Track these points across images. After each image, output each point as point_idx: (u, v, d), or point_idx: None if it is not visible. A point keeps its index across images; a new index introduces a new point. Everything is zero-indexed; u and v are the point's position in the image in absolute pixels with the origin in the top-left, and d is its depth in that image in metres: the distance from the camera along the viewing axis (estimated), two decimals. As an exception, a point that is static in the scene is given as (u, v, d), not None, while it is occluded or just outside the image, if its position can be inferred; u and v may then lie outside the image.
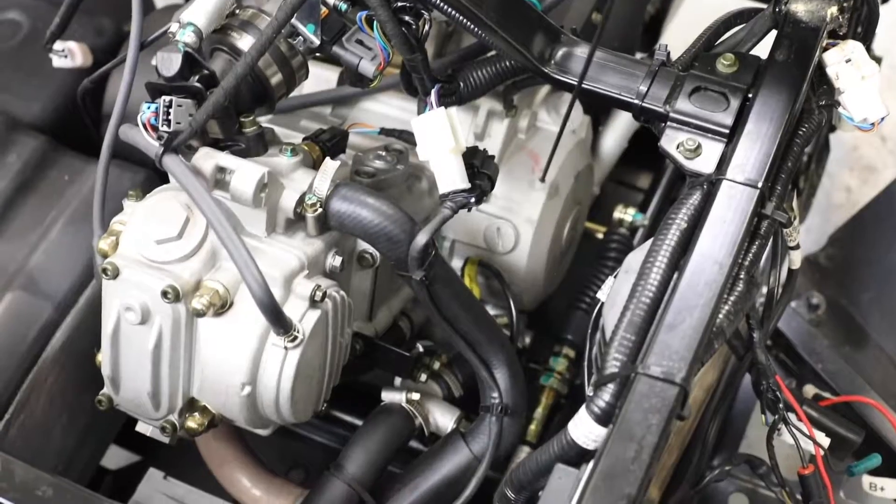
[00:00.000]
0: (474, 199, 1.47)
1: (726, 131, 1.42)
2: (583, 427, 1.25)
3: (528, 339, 1.99)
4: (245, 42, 1.47)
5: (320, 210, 1.47)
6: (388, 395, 1.72)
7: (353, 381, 1.69)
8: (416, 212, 1.58)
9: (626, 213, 2.07)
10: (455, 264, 1.87)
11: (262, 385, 1.46)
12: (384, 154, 1.65)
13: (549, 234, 1.86)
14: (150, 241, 1.45)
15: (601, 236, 2.09)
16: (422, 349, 1.73)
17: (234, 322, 1.44)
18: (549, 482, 1.25)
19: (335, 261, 1.53)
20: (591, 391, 1.26)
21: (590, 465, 1.21)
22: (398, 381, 1.74)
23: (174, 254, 1.44)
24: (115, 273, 1.44)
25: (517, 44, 1.47)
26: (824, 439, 1.56)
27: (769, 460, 1.54)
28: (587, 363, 1.52)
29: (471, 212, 1.51)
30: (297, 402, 1.49)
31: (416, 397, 1.71)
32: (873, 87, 1.46)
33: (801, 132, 1.45)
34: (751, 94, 1.44)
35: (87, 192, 1.79)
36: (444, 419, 1.73)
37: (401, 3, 1.40)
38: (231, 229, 1.37)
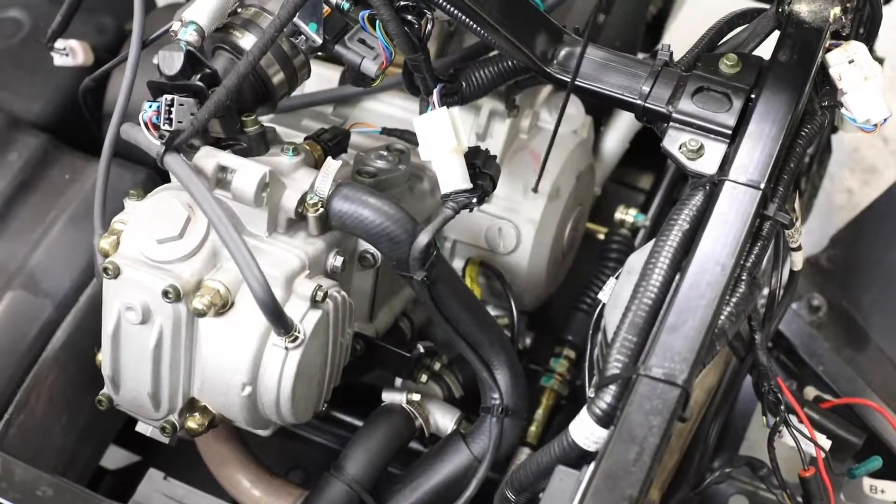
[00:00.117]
0: (476, 200, 1.47)
1: (729, 132, 1.42)
2: (584, 429, 1.25)
3: (528, 340, 1.99)
4: (247, 41, 1.47)
5: (322, 210, 1.47)
6: (388, 396, 1.72)
7: (353, 382, 1.69)
8: (417, 212, 1.58)
9: (627, 214, 2.07)
10: (456, 265, 1.86)
11: (262, 385, 1.46)
12: (386, 154, 1.64)
13: (551, 235, 1.86)
14: (151, 240, 1.44)
15: (602, 237, 2.09)
16: (422, 350, 1.73)
17: (234, 322, 1.44)
18: (550, 484, 1.25)
19: (336, 261, 1.52)
20: (592, 392, 1.26)
21: (591, 467, 1.21)
22: (399, 381, 1.74)
23: (175, 253, 1.44)
24: (116, 272, 1.44)
25: (520, 43, 1.46)
26: (825, 441, 1.56)
27: (770, 462, 1.54)
28: (588, 364, 1.51)
29: (472, 212, 1.51)
30: (297, 402, 1.48)
31: (416, 398, 1.71)
32: (876, 88, 1.46)
33: (804, 133, 1.45)
34: (753, 95, 1.43)
35: (88, 191, 1.79)
36: (444, 420, 1.73)
37: (403, 3, 1.40)
38: (232, 229, 1.37)
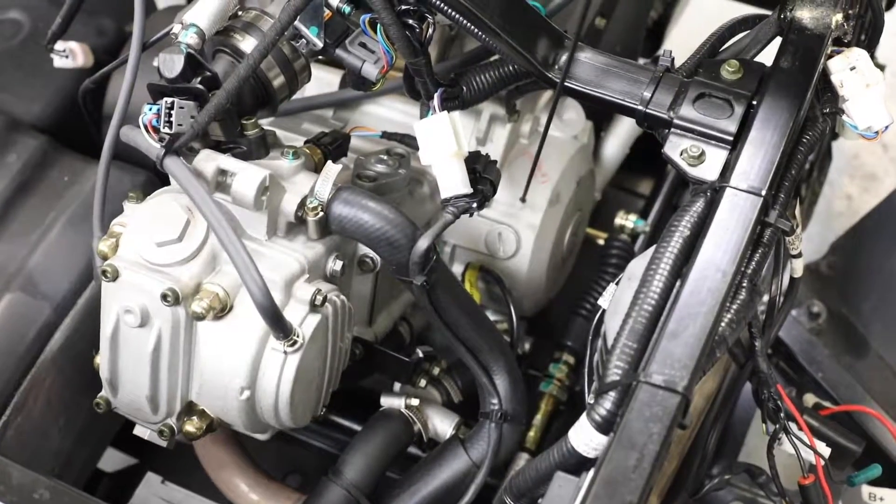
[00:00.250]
0: (476, 205, 1.47)
1: (730, 138, 1.41)
2: (583, 435, 1.24)
3: (527, 346, 1.99)
4: (248, 44, 1.47)
5: (321, 214, 1.46)
6: (387, 401, 1.72)
7: (352, 386, 1.68)
8: (417, 216, 1.58)
9: (627, 220, 2.07)
10: (456, 269, 1.86)
11: (261, 389, 1.46)
12: (386, 158, 1.64)
13: (551, 240, 1.86)
14: (151, 243, 1.44)
15: (602, 242, 2.09)
16: (421, 354, 1.72)
17: (233, 326, 1.44)
18: (549, 490, 1.25)
19: (336, 265, 1.52)
20: (591, 399, 1.26)
21: (590, 474, 1.21)
22: (397, 386, 1.74)
23: (174, 256, 1.43)
24: (115, 275, 1.43)
25: (521, 48, 1.46)
26: (824, 449, 1.56)
27: (769, 469, 1.54)
28: (588, 370, 1.51)
29: (472, 217, 1.51)
30: (295, 406, 1.48)
31: (415, 403, 1.71)
32: (878, 95, 1.46)
33: (805, 140, 1.45)
34: (755, 102, 1.43)
35: (88, 193, 1.78)
36: (443, 425, 1.72)
37: (404, 7, 1.40)
38: (232, 232, 1.37)
